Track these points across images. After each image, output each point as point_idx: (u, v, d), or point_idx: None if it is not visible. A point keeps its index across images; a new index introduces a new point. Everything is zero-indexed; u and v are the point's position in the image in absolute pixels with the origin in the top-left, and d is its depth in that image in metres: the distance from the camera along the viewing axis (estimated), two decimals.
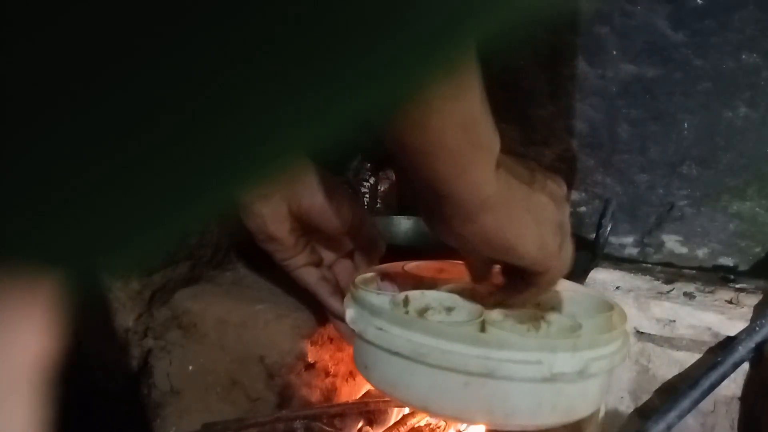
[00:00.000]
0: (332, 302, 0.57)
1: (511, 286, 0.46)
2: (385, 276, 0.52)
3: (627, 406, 0.75)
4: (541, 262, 0.41)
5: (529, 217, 0.39)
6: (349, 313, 0.46)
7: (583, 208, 0.89)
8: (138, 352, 0.65)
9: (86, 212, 0.11)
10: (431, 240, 0.44)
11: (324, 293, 0.57)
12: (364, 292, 0.47)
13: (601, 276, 0.76)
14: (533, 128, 0.89)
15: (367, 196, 0.94)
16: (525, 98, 0.83)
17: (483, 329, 0.43)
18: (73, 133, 0.10)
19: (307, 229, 0.55)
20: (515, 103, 0.87)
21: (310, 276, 0.57)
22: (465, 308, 0.46)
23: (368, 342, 0.43)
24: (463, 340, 0.39)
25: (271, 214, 0.53)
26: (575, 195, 0.89)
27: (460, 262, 0.56)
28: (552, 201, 0.41)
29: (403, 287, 0.51)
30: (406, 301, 0.47)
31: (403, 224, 0.85)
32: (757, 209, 0.81)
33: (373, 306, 0.44)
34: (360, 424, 0.59)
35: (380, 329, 0.42)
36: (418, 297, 0.48)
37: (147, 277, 0.63)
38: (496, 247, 0.39)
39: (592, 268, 0.68)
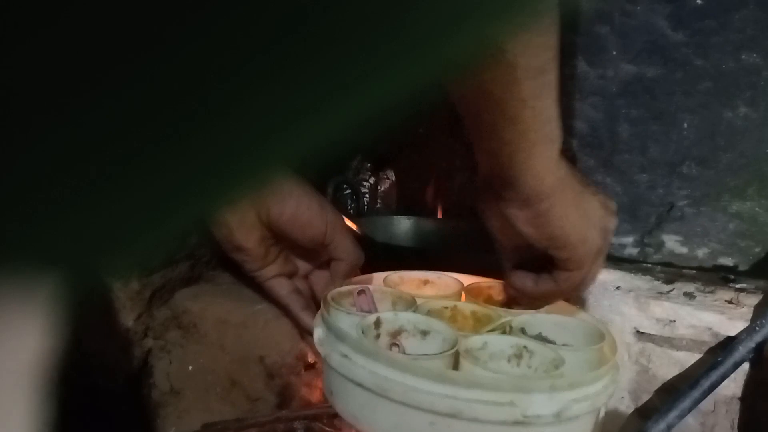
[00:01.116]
0: (303, 317, 0.54)
1: (532, 278, 0.45)
2: (361, 290, 0.49)
3: (627, 406, 0.75)
4: (577, 258, 0.41)
5: (580, 211, 0.41)
6: (317, 334, 0.43)
7: None
8: (138, 352, 0.65)
9: (86, 212, 0.11)
10: (431, 240, 0.43)
11: (296, 307, 0.54)
12: (334, 311, 0.44)
13: (601, 276, 0.76)
14: None
15: (367, 196, 0.94)
16: None
17: (457, 360, 0.40)
18: (73, 133, 0.10)
19: (278, 239, 0.53)
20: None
21: (281, 288, 0.54)
22: (441, 334, 0.43)
23: (333, 368, 0.41)
24: (429, 376, 0.36)
25: (237, 223, 0.50)
26: None
27: (446, 273, 0.54)
28: (602, 206, 0.43)
29: (380, 302, 0.49)
30: (377, 324, 0.44)
31: (403, 224, 0.85)
32: (758, 209, 0.81)
33: (339, 330, 0.41)
34: None
35: (345, 356, 0.39)
36: (391, 319, 0.45)
37: (147, 277, 0.63)
38: (544, 234, 0.40)
39: None
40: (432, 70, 0.12)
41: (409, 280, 0.53)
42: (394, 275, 0.53)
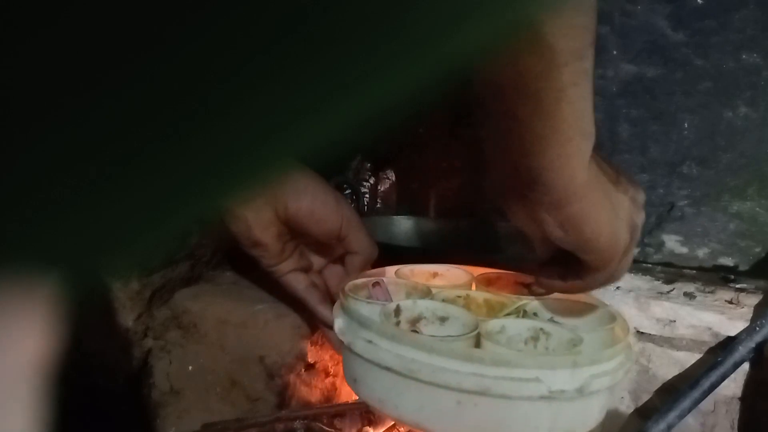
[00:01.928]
0: (321, 310, 0.54)
1: (559, 273, 0.45)
2: (376, 282, 0.50)
3: (627, 406, 0.75)
4: (605, 258, 0.40)
5: (611, 213, 0.39)
6: (338, 324, 0.44)
7: None
8: (138, 352, 0.65)
9: (86, 212, 0.11)
10: (431, 240, 0.44)
11: (313, 301, 0.55)
12: (353, 301, 0.45)
13: None
14: None
15: (367, 196, 0.94)
16: None
17: (478, 343, 0.41)
18: (73, 133, 0.10)
19: (294, 234, 0.53)
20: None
21: (298, 282, 0.55)
22: (459, 319, 0.44)
23: (357, 355, 0.41)
24: (456, 355, 0.37)
25: (255, 219, 0.51)
26: None
27: (454, 266, 0.55)
28: (631, 203, 0.42)
29: (395, 294, 0.49)
30: (397, 312, 0.45)
31: (403, 224, 0.85)
32: (758, 209, 0.81)
33: (362, 317, 0.42)
34: (360, 424, 0.59)
35: (369, 342, 0.40)
36: (410, 306, 0.46)
37: (147, 277, 0.63)
38: (573, 237, 0.39)
39: None
40: (434, 68, 0.12)
41: (419, 272, 0.54)
42: (405, 269, 0.54)
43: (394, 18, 0.11)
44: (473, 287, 0.52)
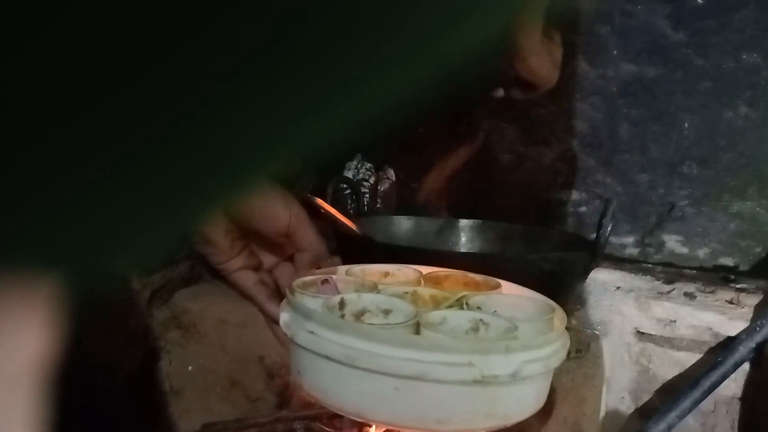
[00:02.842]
0: (269, 306, 0.55)
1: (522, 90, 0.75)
2: (325, 280, 0.51)
3: (627, 406, 0.75)
4: (544, 84, 0.73)
5: (549, 61, 0.73)
6: (283, 317, 0.44)
7: (583, 208, 0.89)
8: (138, 352, 0.65)
9: (86, 212, 0.11)
10: (430, 240, 0.44)
11: (261, 298, 0.55)
12: (300, 296, 0.46)
13: (602, 276, 0.76)
14: (533, 128, 0.89)
15: (367, 196, 0.94)
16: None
17: (418, 332, 0.42)
18: (73, 133, 0.10)
19: (243, 232, 0.54)
20: (515, 103, 0.87)
21: (246, 280, 0.55)
22: (402, 311, 0.45)
23: (300, 346, 0.42)
24: (393, 342, 0.39)
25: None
26: (575, 195, 0.89)
27: (405, 265, 0.57)
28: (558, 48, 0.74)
29: (344, 291, 0.50)
30: (342, 305, 0.46)
31: (403, 224, 0.85)
32: (758, 209, 0.81)
33: (306, 309, 0.43)
34: (360, 425, 0.59)
35: (312, 333, 0.41)
36: (355, 300, 0.47)
37: (147, 277, 0.63)
38: (527, 74, 0.72)
39: (592, 268, 0.68)
40: (434, 68, 0.12)
41: (371, 272, 0.56)
42: (355, 268, 0.55)
43: (394, 18, 0.11)
44: (422, 285, 0.54)
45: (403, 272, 0.56)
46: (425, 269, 0.56)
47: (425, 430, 0.42)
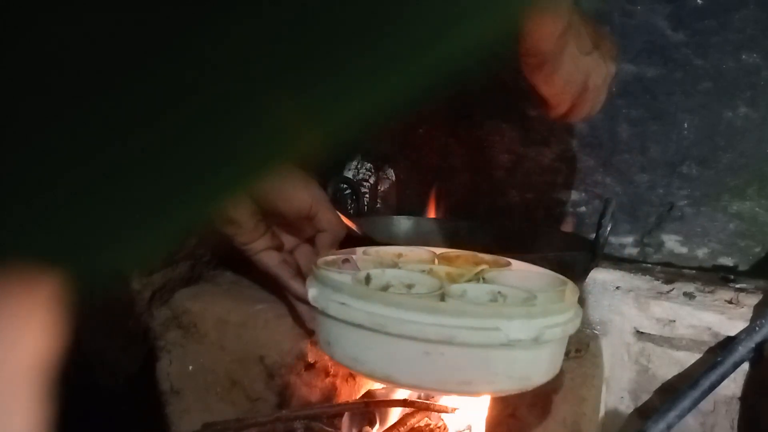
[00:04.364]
0: (294, 284, 0.57)
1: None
2: (346, 259, 0.53)
3: (627, 406, 0.75)
4: (560, 98, 0.60)
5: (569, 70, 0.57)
6: (312, 292, 0.46)
7: (583, 208, 0.89)
8: (138, 352, 0.65)
9: (86, 212, 0.11)
10: (430, 240, 0.45)
11: (285, 276, 0.57)
12: (326, 272, 0.48)
13: (601, 276, 0.76)
14: (533, 128, 0.89)
15: (367, 196, 0.94)
16: (525, 98, 0.83)
17: (442, 301, 0.45)
18: (73, 134, 0.10)
19: (266, 214, 0.56)
20: (515, 103, 0.87)
21: (271, 259, 0.57)
22: (425, 284, 0.48)
23: (330, 317, 0.44)
24: (422, 309, 0.41)
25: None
26: (575, 195, 0.89)
27: (418, 247, 0.59)
28: (597, 61, 0.58)
29: (364, 269, 0.52)
30: (367, 279, 0.48)
31: (403, 224, 0.85)
32: (757, 209, 0.81)
33: (335, 282, 0.45)
34: (360, 424, 0.59)
35: (342, 304, 0.43)
36: (379, 275, 0.49)
37: (147, 277, 0.63)
38: (541, 84, 0.58)
39: (592, 268, 0.68)
40: (434, 68, 0.12)
41: (385, 253, 0.57)
42: (371, 249, 0.57)
43: (394, 18, 0.11)
44: (435, 263, 0.56)
45: (416, 252, 0.57)
46: (437, 250, 0.58)
47: (451, 391, 0.45)
